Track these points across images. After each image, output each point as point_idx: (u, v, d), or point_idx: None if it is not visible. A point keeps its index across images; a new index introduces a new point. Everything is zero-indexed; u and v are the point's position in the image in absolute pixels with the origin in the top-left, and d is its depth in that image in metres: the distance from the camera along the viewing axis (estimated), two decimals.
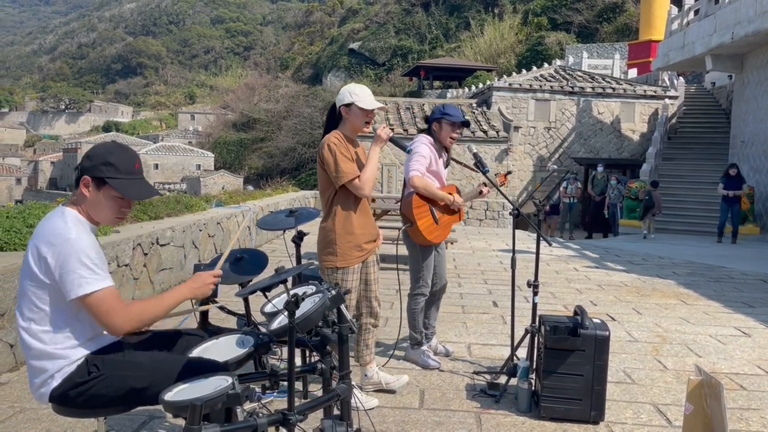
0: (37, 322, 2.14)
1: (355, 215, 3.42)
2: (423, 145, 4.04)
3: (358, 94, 3.34)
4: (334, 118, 3.47)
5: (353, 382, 3.30)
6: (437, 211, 4.06)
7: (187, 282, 2.35)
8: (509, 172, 4.55)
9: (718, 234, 13.10)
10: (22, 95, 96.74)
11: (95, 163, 2.20)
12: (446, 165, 4.22)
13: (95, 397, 2.18)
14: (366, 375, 3.67)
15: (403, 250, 4.23)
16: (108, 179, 2.20)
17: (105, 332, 2.27)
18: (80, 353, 2.18)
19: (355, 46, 52.51)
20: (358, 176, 3.32)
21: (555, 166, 19.17)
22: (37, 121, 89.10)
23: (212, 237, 8.07)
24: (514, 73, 25.19)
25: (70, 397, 2.17)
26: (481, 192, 4.18)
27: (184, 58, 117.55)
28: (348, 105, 3.34)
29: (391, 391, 3.71)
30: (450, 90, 32.91)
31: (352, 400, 2.39)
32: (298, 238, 3.77)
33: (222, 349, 2.40)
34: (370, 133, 3.64)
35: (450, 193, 4.16)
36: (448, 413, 3.47)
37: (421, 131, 4.21)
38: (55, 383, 2.16)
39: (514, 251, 3.99)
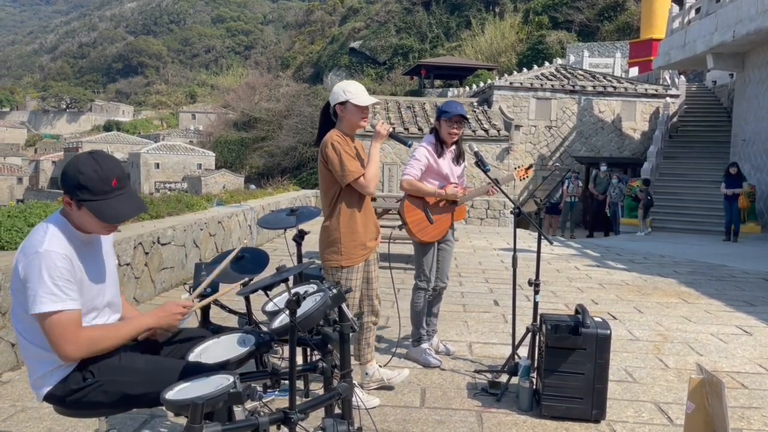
0: (29, 326, 2.12)
1: (359, 214, 3.42)
2: (420, 148, 4.18)
3: (352, 91, 3.32)
4: (329, 117, 3.47)
5: (354, 381, 3.31)
6: (432, 211, 4.15)
7: (154, 311, 2.31)
8: (531, 166, 4.60)
9: (725, 233, 13.08)
10: (23, 95, 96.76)
11: (69, 185, 2.10)
12: (458, 160, 4.27)
13: (92, 402, 2.17)
14: (367, 373, 3.67)
15: (401, 249, 4.27)
16: (83, 202, 2.10)
17: None
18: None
19: (356, 45, 52.48)
20: (363, 174, 3.32)
21: (558, 164, 19.17)
22: (38, 121, 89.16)
23: (213, 236, 8.08)
24: (515, 72, 25.16)
25: (67, 402, 2.17)
26: (489, 191, 4.26)
27: (184, 57, 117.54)
28: (343, 103, 3.34)
29: (390, 388, 3.72)
30: (451, 89, 32.87)
31: (353, 399, 2.39)
32: (299, 236, 3.77)
33: (223, 348, 2.40)
34: (368, 130, 3.65)
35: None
36: (449, 412, 3.46)
37: (431, 130, 4.32)
38: (50, 384, 2.15)
39: (515, 250, 3.99)
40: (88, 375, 2.15)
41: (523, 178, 4.38)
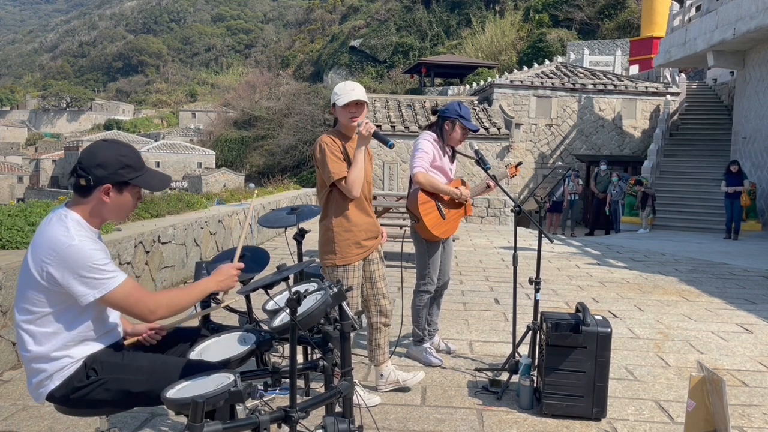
0: (36, 324, 2.12)
1: (353, 212, 3.41)
2: (426, 141, 4.05)
3: (338, 93, 3.34)
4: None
5: (355, 379, 3.31)
6: (443, 206, 4.07)
7: (212, 275, 2.34)
8: (520, 163, 4.58)
9: (726, 231, 13.06)
10: (23, 94, 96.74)
11: (113, 169, 2.15)
12: (452, 159, 4.24)
13: (95, 400, 2.17)
14: (382, 375, 3.65)
15: (407, 248, 4.23)
16: (131, 180, 2.20)
17: (104, 334, 2.25)
18: (79, 355, 2.17)
19: (356, 43, 52.46)
20: (345, 177, 3.31)
21: (560, 162, 19.18)
22: (39, 120, 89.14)
23: (214, 235, 8.08)
24: (515, 70, 25.18)
25: (70, 400, 2.17)
26: (488, 186, 4.21)
27: (185, 56, 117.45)
28: (334, 105, 3.39)
29: (405, 390, 3.70)
30: (451, 87, 32.86)
31: (354, 398, 2.39)
32: (300, 235, 3.77)
33: (224, 346, 2.40)
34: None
35: (457, 187, 4.17)
36: (450, 410, 3.47)
37: (428, 126, 4.20)
38: (53, 385, 2.15)
39: (515, 248, 3.99)
40: (92, 372, 2.15)
41: (514, 175, 4.36)
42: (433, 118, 4.22)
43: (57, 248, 2.05)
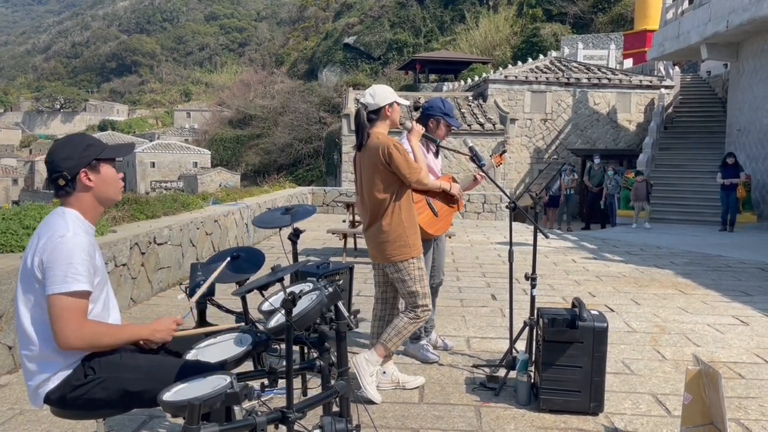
0: (36, 323, 2.13)
1: (414, 208, 3.63)
2: (407, 140, 4.03)
3: (394, 92, 3.60)
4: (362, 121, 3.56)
5: (362, 378, 3.31)
6: (435, 203, 4.07)
7: (149, 323, 2.33)
8: (504, 151, 4.62)
9: (722, 223, 13.10)
10: (16, 95, 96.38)
11: (78, 154, 2.21)
12: (437, 154, 4.25)
13: (92, 400, 2.17)
14: (384, 372, 3.66)
15: None
16: (99, 155, 2.25)
17: None
18: (78, 355, 2.17)
19: (350, 40, 52.34)
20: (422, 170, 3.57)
21: (555, 157, 19.21)
22: (33, 121, 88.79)
23: (210, 235, 8.06)
24: (509, 65, 25.16)
25: (67, 400, 2.17)
26: (475, 178, 4.22)
27: (178, 55, 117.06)
28: (391, 104, 3.56)
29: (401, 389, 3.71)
30: (446, 83, 32.81)
31: (360, 390, 2.39)
32: (295, 235, 3.76)
33: (220, 347, 2.40)
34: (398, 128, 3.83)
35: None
36: (447, 407, 3.47)
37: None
38: (51, 386, 2.15)
39: (511, 244, 3.99)
40: (90, 371, 2.16)
41: (500, 164, 4.43)
42: (416, 114, 4.29)
43: (52, 236, 2.12)
